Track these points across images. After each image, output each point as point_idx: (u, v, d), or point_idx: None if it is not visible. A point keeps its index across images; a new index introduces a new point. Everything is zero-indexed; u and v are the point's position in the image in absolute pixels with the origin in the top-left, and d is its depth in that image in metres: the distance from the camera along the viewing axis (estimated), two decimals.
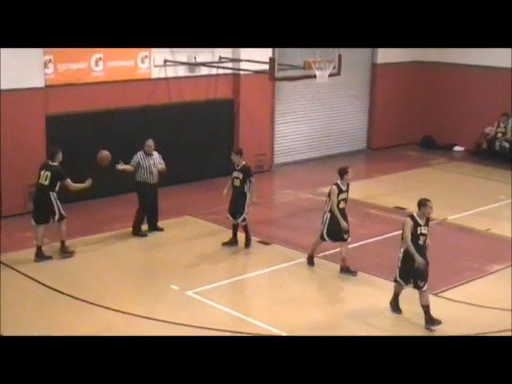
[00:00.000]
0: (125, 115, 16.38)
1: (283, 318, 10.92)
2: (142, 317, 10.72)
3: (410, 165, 20.43)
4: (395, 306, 11.12)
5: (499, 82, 20.99)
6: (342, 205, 12.42)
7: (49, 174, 12.76)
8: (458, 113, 22.14)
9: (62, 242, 13.03)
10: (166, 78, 17.13)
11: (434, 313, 11.10)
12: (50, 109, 15.28)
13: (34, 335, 9.92)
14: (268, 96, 19.10)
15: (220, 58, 17.69)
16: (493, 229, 14.79)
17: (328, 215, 12.40)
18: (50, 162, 12.94)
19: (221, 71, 17.94)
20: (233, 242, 13.65)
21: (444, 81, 22.33)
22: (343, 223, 12.30)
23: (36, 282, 11.83)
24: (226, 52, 17.60)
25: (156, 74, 16.88)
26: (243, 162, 13.48)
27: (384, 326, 10.74)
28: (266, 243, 13.88)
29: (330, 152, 21.12)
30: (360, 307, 11.30)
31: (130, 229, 14.22)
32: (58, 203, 12.82)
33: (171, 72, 17.17)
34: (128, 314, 10.80)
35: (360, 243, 13.91)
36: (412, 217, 10.64)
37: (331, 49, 14.85)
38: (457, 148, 22.28)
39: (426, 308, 10.66)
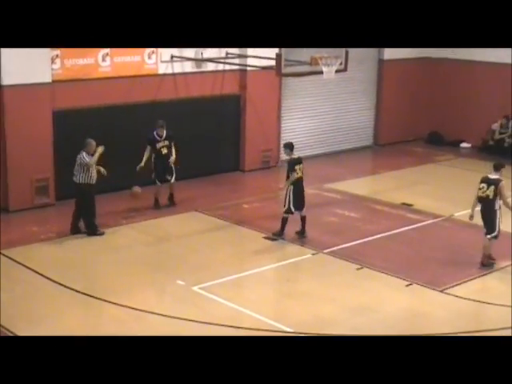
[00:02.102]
0: (132, 111, 16.40)
1: (289, 313, 10.96)
2: (148, 312, 10.73)
3: (416, 161, 20.41)
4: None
5: (505, 78, 20.94)
6: None
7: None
8: (464, 109, 22.11)
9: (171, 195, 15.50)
10: (173, 74, 17.14)
11: (439, 309, 11.13)
12: (57, 104, 15.32)
13: (43, 330, 10.01)
14: (275, 92, 19.10)
15: (227, 53, 17.69)
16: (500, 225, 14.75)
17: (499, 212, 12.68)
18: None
19: (227, 67, 17.96)
20: (281, 233, 13.77)
21: (450, 77, 22.30)
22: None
23: (43, 277, 11.85)
24: (233, 48, 17.59)
25: (163, 69, 16.89)
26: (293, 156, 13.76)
27: (390, 321, 10.71)
28: (272, 239, 13.89)
29: (337, 148, 21.12)
30: (366, 303, 11.30)
31: (136, 224, 14.33)
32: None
33: (178, 68, 17.19)
34: (134, 308, 10.82)
35: (366, 239, 13.93)
36: None
37: None
38: (464, 144, 22.24)
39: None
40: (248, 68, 17.79)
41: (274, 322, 10.51)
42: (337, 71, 15.22)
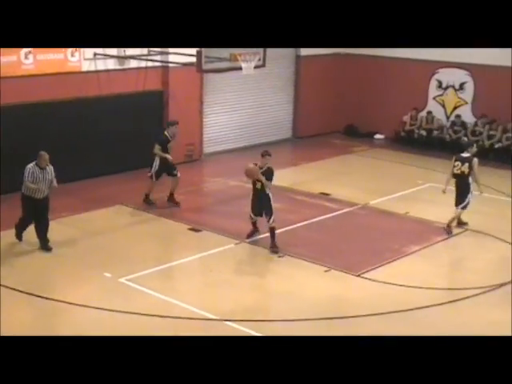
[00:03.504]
0: (56, 108, 16.45)
1: (214, 302, 11.31)
2: (75, 304, 10.86)
3: (334, 152, 21.08)
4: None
5: (414, 72, 22.02)
6: None
7: None
8: (377, 102, 22.98)
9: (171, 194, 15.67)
10: (97, 71, 17.32)
11: (356, 293, 11.74)
12: None
13: None
14: (196, 87, 19.47)
15: (149, 51, 17.95)
16: (411, 212, 15.52)
17: None
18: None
19: (150, 64, 18.21)
20: (255, 232, 13.96)
21: (364, 72, 23.12)
22: None
23: None
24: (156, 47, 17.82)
25: (86, 67, 17.06)
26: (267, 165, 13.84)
27: (312, 306, 11.13)
28: (196, 230, 14.23)
29: (258, 141, 21.58)
30: (289, 290, 11.71)
31: (63, 218, 14.47)
32: (155, 164, 15.45)
33: (101, 65, 17.37)
34: (61, 301, 10.93)
35: (287, 228, 14.43)
36: None
37: None
38: (377, 136, 23.13)
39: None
40: (170, 65, 18.10)
41: (200, 310, 10.80)
42: (256, 67, 15.73)
